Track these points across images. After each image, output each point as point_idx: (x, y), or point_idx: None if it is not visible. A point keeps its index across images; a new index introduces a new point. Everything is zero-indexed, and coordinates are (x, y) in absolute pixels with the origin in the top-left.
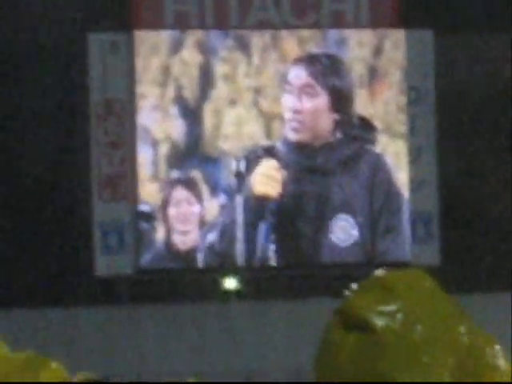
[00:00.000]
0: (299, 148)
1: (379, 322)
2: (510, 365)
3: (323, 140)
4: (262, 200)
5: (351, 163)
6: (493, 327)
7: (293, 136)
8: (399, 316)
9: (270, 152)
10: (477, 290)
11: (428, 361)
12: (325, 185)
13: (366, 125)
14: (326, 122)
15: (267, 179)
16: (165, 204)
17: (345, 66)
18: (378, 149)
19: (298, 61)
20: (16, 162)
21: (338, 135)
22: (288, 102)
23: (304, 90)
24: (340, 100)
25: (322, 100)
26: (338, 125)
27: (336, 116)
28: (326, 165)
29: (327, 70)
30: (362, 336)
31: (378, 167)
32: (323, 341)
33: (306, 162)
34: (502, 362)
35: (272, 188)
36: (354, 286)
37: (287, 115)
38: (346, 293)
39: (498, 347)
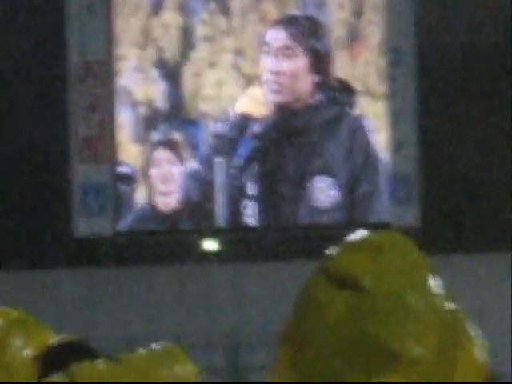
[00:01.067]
0: (278, 110)
1: (370, 282)
2: (481, 338)
3: (302, 102)
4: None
5: (331, 125)
6: (474, 287)
7: (271, 98)
8: (389, 277)
9: (246, 116)
10: (456, 251)
11: (417, 328)
12: (304, 147)
13: (346, 88)
14: (306, 83)
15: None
16: (146, 165)
17: (324, 28)
18: (357, 111)
19: (277, 23)
20: None
21: (318, 97)
22: (266, 63)
23: (282, 52)
24: (319, 62)
25: (301, 62)
26: (317, 87)
27: (315, 78)
28: (306, 127)
29: (306, 32)
30: (353, 294)
31: (358, 130)
32: (305, 299)
33: (286, 123)
34: (478, 334)
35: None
36: (338, 245)
37: (266, 77)
38: (330, 251)
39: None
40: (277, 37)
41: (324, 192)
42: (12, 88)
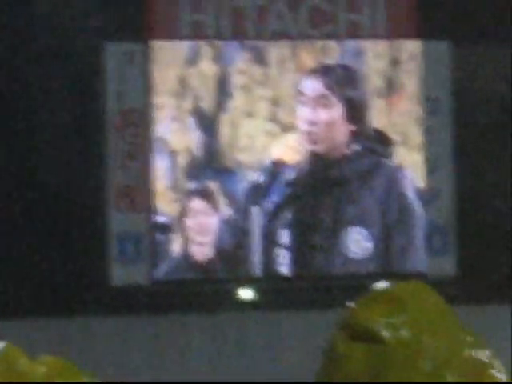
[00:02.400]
0: (314, 160)
1: (389, 334)
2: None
3: (338, 151)
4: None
5: (366, 176)
6: (505, 339)
7: (308, 147)
8: (407, 327)
9: (282, 164)
10: (492, 301)
11: (433, 372)
12: (339, 196)
13: (383, 138)
14: (342, 133)
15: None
16: (182, 215)
17: (360, 77)
18: (394, 162)
19: (312, 72)
20: (33, 173)
21: (354, 147)
22: (303, 113)
23: (319, 101)
24: (355, 111)
25: (337, 111)
26: (353, 137)
27: (352, 127)
28: (341, 176)
29: (342, 81)
30: (372, 347)
31: (394, 180)
32: (327, 353)
33: (320, 173)
34: (503, 377)
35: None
36: (357, 299)
37: (302, 127)
38: (350, 305)
39: (498, 362)
40: (312, 86)
41: (358, 243)
42: (50, 136)
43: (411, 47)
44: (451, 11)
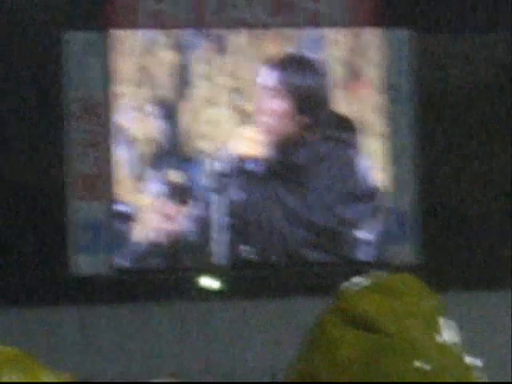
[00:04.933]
0: (270, 148)
1: (386, 323)
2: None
3: (294, 141)
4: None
5: (324, 163)
6: (473, 325)
7: (265, 137)
8: (404, 320)
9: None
10: (456, 288)
11: (426, 366)
12: (297, 184)
13: (343, 124)
14: (297, 123)
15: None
16: (143, 203)
17: (317, 66)
18: (353, 149)
19: (269, 62)
20: None
21: (311, 135)
22: (259, 103)
23: (274, 93)
24: (313, 100)
25: (292, 101)
26: (310, 125)
27: (308, 117)
28: (297, 164)
29: (298, 71)
30: (366, 334)
31: (351, 167)
32: (315, 337)
33: (277, 161)
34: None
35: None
36: (348, 284)
37: (259, 117)
38: (341, 290)
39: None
40: (268, 77)
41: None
42: (8, 125)
43: (372, 35)
44: None
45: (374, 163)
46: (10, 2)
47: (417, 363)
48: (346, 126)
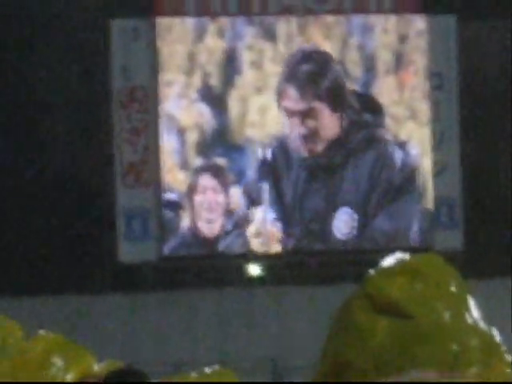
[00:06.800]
0: (306, 143)
1: (414, 309)
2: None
3: (330, 133)
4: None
5: (359, 154)
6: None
7: (300, 130)
8: (431, 304)
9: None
10: (498, 274)
11: (459, 349)
12: (340, 177)
13: (371, 106)
14: (331, 119)
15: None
16: (190, 191)
17: (334, 61)
18: (387, 134)
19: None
20: (41, 150)
21: (344, 124)
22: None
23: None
24: (336, 96)
25: (322, 99)
26: (340, 116)
27: (337, 111)
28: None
29: (317, 69)
30: (396, 321)
31: (387, 155)
32: (344, 322)
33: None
34: (509, 357)
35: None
36: (376, 269)
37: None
38: (369, 276)
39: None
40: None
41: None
42: (56, 113)
43: (418, 22)
44: None
45: (421, 149)
46: None
47: (447, 346)
48: (373, 106)
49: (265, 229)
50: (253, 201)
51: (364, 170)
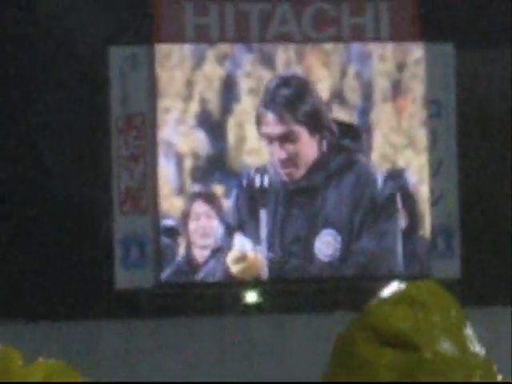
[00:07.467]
0: (286, 168)
1: (420, 340)
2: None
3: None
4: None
5: (339, 177)
6: (507, 340)
7: (279, 155)
8: (435, 332)
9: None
10: (497, 303)
11: (463, 380)
12: (333, 202)
13: (350, 131)
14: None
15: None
16: (185, 218)
17: (309, 87)
18: (365, 159)
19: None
20: (38, 176)
21: (322, 148)
22: (267, 128)
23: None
24: (315, 121)
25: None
26: (322, 139)
27: (316, 136)
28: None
29: (297, 94)
30: (402, 353)
31: (367, 180)
32: (346, 355)
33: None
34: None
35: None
36: (376, 299)
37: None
38: (371, 306)
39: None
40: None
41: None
42: (56, 140)
43: (416, 50)
44: (455, 14)
45: (418, 177)
46: (56, 18)
47: (452, 377)
48: (352, 131)
49: (262, 255)
50: (251, 227)
51: (345, 191)
